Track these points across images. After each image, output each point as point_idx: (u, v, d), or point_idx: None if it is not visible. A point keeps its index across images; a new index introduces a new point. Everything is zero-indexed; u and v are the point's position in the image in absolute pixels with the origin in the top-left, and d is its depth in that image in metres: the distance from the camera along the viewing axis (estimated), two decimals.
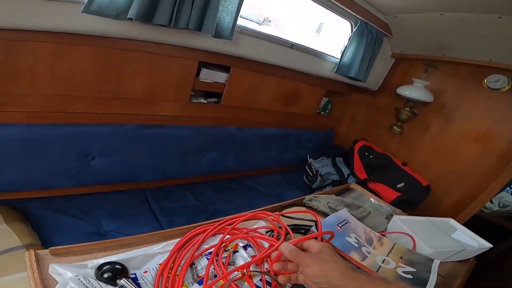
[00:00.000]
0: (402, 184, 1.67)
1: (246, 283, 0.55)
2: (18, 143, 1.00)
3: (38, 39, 0.91)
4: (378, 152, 1.92)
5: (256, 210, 0.79)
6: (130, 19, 0.95)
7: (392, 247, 0.74)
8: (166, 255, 0.58)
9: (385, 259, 0.69)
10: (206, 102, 1.44)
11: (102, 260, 0.53)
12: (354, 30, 1.65)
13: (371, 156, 1.84)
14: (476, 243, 0.83)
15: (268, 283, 0.56)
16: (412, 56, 1.88)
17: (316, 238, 0.57)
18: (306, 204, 0.97)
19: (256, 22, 2.11)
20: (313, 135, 2.13)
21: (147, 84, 1.19)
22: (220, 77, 1.39)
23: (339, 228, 0.74)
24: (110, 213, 1.20)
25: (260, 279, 0.56)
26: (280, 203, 0.91)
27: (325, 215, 0.88)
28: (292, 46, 1.55)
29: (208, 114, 1.43)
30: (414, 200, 1.64)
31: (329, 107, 2.23)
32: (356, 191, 1.24)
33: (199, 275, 0.57)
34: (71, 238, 1.03)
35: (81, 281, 0.47)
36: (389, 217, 1.05)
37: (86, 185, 1.24)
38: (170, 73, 1.24)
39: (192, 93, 1.40)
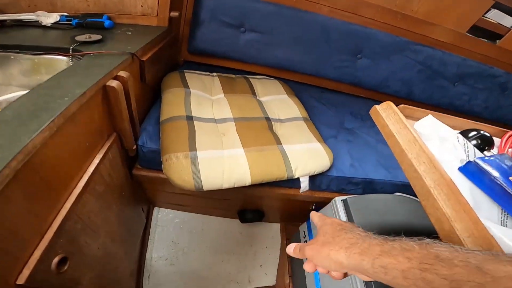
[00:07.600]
0: None
1: None
2: (322, 28, 1.25)
3: None
4: None
5: None
6: None
7: None
8: None
9: None
10: (482, 39, 1.36)
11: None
12: None
13: None
14: None
15: None
16: None
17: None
18: None
19: None
20: None
21: (432, 7, 1.21)
22: (508, 21, 1.29)
23: None
24: (352, 113, 1.33)
25: None
26: None
27: None
28: None
29: (478, 50, 1.38)
30: None
31: None
32: None
33: None
34: (321, 123, 1.18)
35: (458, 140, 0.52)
36: None
37: (345, 83, 1.43)
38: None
39: None
